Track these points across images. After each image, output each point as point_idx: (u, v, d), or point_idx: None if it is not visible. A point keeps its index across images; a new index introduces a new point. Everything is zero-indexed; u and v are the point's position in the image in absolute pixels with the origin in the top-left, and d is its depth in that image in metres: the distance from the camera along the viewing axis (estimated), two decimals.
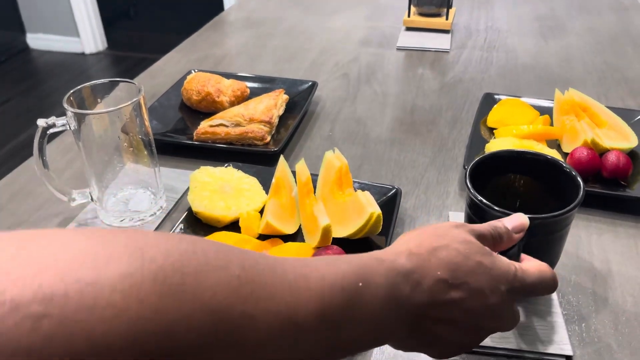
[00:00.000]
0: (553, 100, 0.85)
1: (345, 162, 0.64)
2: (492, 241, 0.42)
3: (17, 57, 3.25)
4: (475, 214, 0.50)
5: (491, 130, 0.82)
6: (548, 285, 0.42)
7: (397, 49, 1.17)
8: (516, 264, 0.40)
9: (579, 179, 0.50)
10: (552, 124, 0.83)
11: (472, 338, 0.39)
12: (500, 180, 0.56)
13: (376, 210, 0.56)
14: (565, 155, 0.75)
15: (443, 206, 0.69)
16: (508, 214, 0.46)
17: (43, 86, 2.94)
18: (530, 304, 0.54)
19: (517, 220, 0.44)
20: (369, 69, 1.08)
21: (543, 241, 0.49)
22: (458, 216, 0.66)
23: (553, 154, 0.72)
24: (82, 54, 3.30)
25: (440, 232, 0.39)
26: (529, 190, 0.56)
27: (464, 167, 0.71)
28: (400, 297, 0.35)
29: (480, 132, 0.82)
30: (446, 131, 0.86)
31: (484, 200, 0.49)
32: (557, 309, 0.54)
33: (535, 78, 1.03)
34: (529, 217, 0.46)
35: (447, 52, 1.15)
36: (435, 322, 0.36)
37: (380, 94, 0.98)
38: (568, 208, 0.47)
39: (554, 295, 0.55)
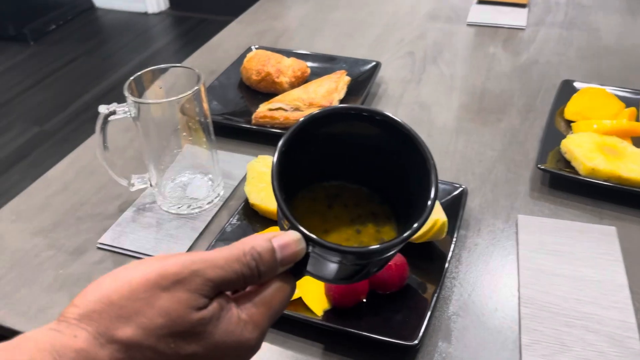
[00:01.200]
0: None
1: None
2: (244, 282, 0.31)
3: (83, 16, 3.32)
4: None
5: (569, 123, 0.76)
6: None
7: (467, 24, 1.09)
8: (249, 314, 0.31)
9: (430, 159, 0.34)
10: (639, 119, 0.75)
11: None
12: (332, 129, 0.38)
13: (441, 217, 0.53)
14: None
15: (512, 208, 0.65)
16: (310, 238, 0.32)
17: (107, 45, 3.00)
18: (604, 326, 0.50)
19: (288, 249, 0.32)
20: (436, 47, 1.02)
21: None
22: (529, 221, 0.62)
23: (637, 154, 0.66)
24: (145, 13, 3.34)
25: (131, 308, 0.28)
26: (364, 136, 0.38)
27: (537, 166, 0.66)
28: None
29: (556, 125, 0.76)
30: (518, 122, 0.80)
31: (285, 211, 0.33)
32: (634, 333, 0.50)
33: (620, 63, 0.94)
34: (360, 250, 0.33)
35: (523, 29, 1.07)
36: None
37: (447, 76, 0.93)
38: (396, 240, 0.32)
39: (632, 318, 0.51)
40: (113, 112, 0.60)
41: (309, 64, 0.92)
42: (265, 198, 0.62)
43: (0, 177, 1.98)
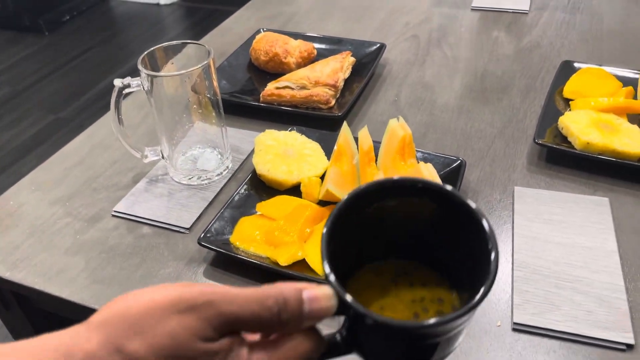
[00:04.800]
0: (639, 71, 0.79)
1: (410, 132, 0.63)
2: (260, 325, 0.30)
3: (97, 7, 3.36)
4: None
5: (567, 101, 0.78)
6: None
7: (472, 9, 1.11)
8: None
9: (492, 235, 0.31)
10: (636, 97, 0.77)
11: None
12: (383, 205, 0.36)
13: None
14: None
15: (509, 180, 0.67)
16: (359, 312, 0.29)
17: (121, 36, 3.04)
18: (593, 288, 0.52)
19: (317, 303, 0.30)
20: (441, 30, 1.04)
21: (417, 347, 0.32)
22: (525, 192, 0.64)
23: (634, 130, 0.68)
24: (157, 4, 3.37)
25: (144, 324, 0.28)
26: (418, 210, 0.36)
27: (534, 140, 0.68)
28: None
29: (555, 103, 0.77)
30: (518, 101, 0.82)
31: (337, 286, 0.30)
32: (622, 294, 0.52)
33: (622, 45, 0.96)
34: (409, 326, 0.30)
35: (526, 13, 1.08)
36: None
37: (450, 58, 0.95)
38: (461, 312, 0.29)
39: (620, 281, 0.53)
40: (128, 85, 0.62)
41: (316, 45, 0.94)
42: (271, 169, 0.64)
43: (17, 163, 2.03)
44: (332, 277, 0.30)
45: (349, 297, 0.30)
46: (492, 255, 0.30)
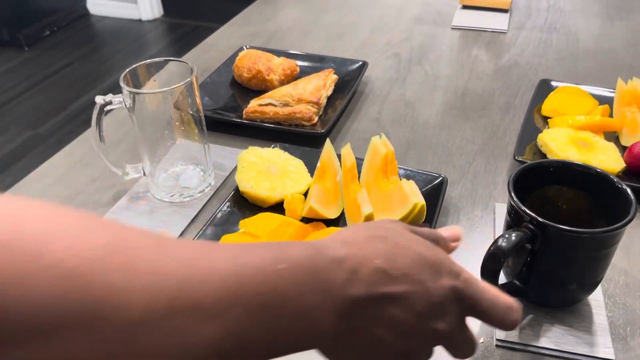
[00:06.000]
0: (614, 90, 0.81)
1: (392, 149, 0.63)
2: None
3: (78, 22, 3.34)
4: (515, 221, 0.49)
5: (546, 119, 0.79)
6: (501, 312, 0.35)
7: (452, 28, 1.13)
8: (464, 268, 0.35)
9: (631, 195, 0.48)
10: (611, 115, 0.79)
11: (417, 345, 0.32)
12: (546, 190, 0.54)
13: (420, 200, 0.56)
14: (623, 149, 0.72)
15: (490, 197, 0.68)
16: (549, 225, 0.45)
17: (102, 51, 3.03)
18: (574, 305, 0.53)
19: (452, 230, 0.40)
20: (422, 48, 1.06)
21: (588, 257, 0.47)
22: (505, 208, 0.65)
23: (610, 147, 0.69)
24: (139, 20, 3.37)
25: (376, 225, 0.35)
26: (576, 203, 0.53)
27: (514, 157, 0.70)
28: (332, 285, 0.29)
29: (534, 120, 0.79)
30: (498, 118, 0.84)
31: (527, 210, 0.47)
32: (602, 310, 0.53)
33: (597, 64, 0.98)
34: (574, 231, 0.44)
35: (505, 32, 1.10)
36: (375, 322, 0.31)
37: (431, 76, 0.96)
38: (617, 225, 0.45)
39: (600, 297, 0.54)
40: (109, 102, 0.62)
41: (299, 63, 0.95)
42: (255, 186, 0.64)
43: None
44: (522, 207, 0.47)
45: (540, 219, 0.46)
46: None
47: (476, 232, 0.63)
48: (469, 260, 0.59)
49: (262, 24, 1.17)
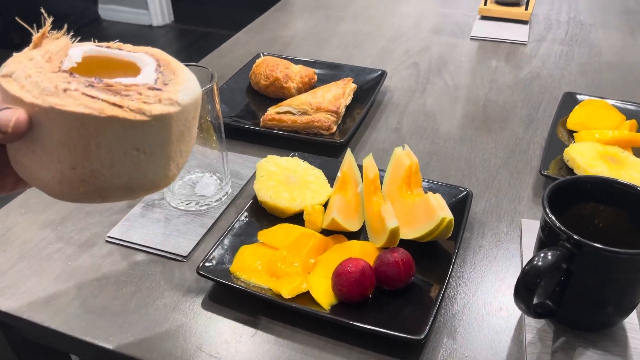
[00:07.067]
0: None
1: (416, 161, 0.62)
2: None
3: (89, 27, 3.36)
4: (550, 238, 0.47)
5: (571, 133, 0.77)
6: None
7: (471, 38, 1.12)
8: None
9: None
10: (639, 130, 0.77)
11: None
12: (581, 207, 0.51)
13: (448, 215, 0.54)
14: None
15: (515, 212, 0.66)
16: (587, 244, 0.43)
17: None
18: (608, 329, 0.51)
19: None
20: (441, 59, 1.04)
21: (627, 279, 0.45)
22: (532, 225, 0.63)
23: (638, 163, 0.67)
24: (150, 26, 3.38)
25: None
26: (613, 221, 0.51)
27: (540, 172, 0.68)
28: None
29: (558, 134, 0.77)
30: (520, 131, 0.82)
31: (562, 227, 0.45)
32: (637, 334, 0.50)
33: (621, 78, 0.96)
34: (613, 251, 0.42)
35: (525, 44, 1.09)
36: None
37: (451, 87, 0.94)
38: None
39: (635, 320, 0.51)
40: None
41: (316, 71, 0.93)
42: (273, 196, 0.62)
43: None
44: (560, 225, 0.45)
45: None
46: None
47: (502, 249, 0.61)
48: (495, 277, 0.57)
49: (277, 31, 1.16)
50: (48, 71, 0.36)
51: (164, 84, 0.37)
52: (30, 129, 0.34)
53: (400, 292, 0.53)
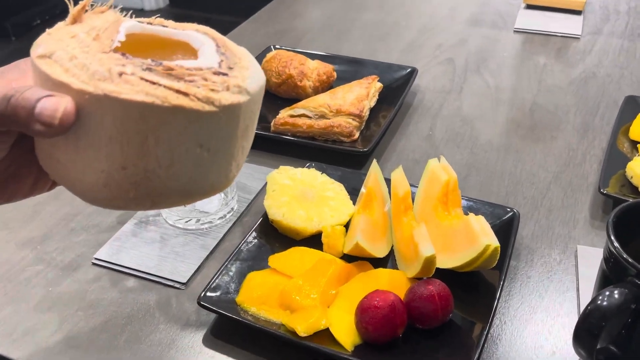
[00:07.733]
0: None
1: (454, 176, 0.61)
2: None
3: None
4: (613, 271, 0.46)
5: (634, 144, 0.76)
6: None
7: (515, 31, 1.11)
8: None
9: None
10: None
11: None
12: None
13: (493, 242, 0.53)
14: None
15: (569, 237, 0.65)
16: None
17: None
18: None
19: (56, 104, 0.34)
20: (479, 54, 1.03)
21: None
22: (589, 252, 0.62)
23: None
24: (142, 10, 3.40)
25: None
26: None
27: (599, 190, 0.66)
28: None
29: (619, 145, 0.76)
30: (575, 141, 0.81)
31: (630, 259, 0.44)
32: None
33: None
34: None
35: (578, 38, 1.08)
36: None
37: (492, 88, 0.94)
38: None
39: None
40: None
41: (335, 67, 0.93)
42: (287, 214, 0.62)
43: None
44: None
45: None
46: None
47: (554, 281, 0.60)
48: (546, 314, 0.56)
49: (289, 21, 1.16)
50: (97, 51, 0.34)
51: (229, 68, 0.35)
52: (77, 120, 0.33)
53: (436, 331, 0.52)
